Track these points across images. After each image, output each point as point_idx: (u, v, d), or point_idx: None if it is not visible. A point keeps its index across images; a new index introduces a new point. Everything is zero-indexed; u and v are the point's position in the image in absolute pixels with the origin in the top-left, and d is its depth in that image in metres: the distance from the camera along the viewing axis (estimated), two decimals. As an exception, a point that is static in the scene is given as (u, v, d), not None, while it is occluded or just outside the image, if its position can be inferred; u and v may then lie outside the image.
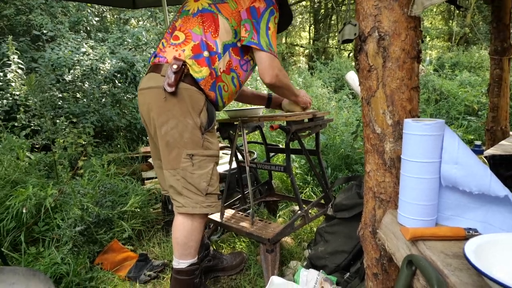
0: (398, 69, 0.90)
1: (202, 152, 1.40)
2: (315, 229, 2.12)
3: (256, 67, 1.54)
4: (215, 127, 1.50)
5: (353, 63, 1.02)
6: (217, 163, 1.49)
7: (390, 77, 0.91)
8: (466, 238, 0.76)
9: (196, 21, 1.43)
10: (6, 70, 3.79)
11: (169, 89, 1.33)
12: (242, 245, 2.13)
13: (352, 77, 1.92)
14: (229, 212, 2.03)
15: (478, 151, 1.08)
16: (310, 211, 1.93)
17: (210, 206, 1.43)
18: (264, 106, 1.96)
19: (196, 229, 1.45)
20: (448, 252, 0.72)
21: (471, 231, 0.76)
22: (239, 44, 1.44)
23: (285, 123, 1.71)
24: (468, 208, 0.82)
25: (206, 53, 1.38)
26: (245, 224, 1.83)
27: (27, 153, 2.79)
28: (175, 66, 1.34)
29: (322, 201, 2.04)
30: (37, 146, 3.39)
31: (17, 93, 3.68)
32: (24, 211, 1.92)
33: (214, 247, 2.10)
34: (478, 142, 1.11)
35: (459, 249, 0.72)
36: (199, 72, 1.38)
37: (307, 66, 10.86)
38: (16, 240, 1.92)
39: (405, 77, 0.90)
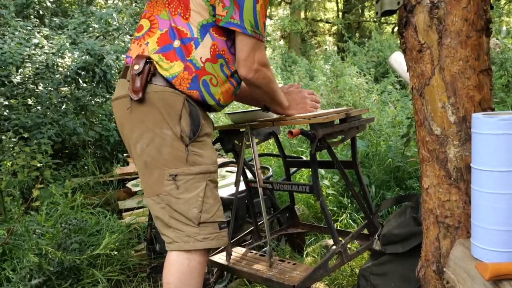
0: (460, 47, 0.91)
1: (188, 169, 1.44)
2: (357, 271, 2.10)
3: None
4: (210, 134, 1.53)
5: (399, 41, 1.04)
6: (213, 182, 1.51)
7: (449, 58, 0.92)
8: None
9: (162, 3, 1.49)
10: None
11: (135, 97, 1.40)
12: (257, 296, 2.13)
13: (398, 60, 1.93)
14: (238, 251, 2.03)
15: None
16: (349, 245, 1.91)
17: (207, 238, 1.46)
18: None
19: (195, 271, 1.46)
20: (545, 295, 0.71)
21: None
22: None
23: (308, 127, 1.72)
24: None
25: (176, 43, 1.43)
26: (260, 267, 1.82)
27: (-36, 183, 2.85)
28: (136, 67, 1.41)
29: (365, 232, 2.02)
30: (-23, 172, 3.47)
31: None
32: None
33: (220, 300, 2.10)
34: None
35: (559, 291, 0.71)
36: (169, 69, 1.43)
37: (336, 48, 10.88)
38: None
39: (471, 56, 0.91)
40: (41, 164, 3.49)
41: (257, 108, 1.89)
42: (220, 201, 1.54)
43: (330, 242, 2.43)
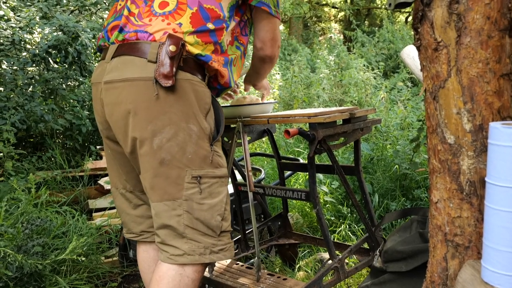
0: (480, 47, 0.92)
1: (212, 172, 1.45)
2: (354, 290, 2.12)
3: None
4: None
5: (413, 34, 1.05)
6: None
7: (468, 59, 0.93)
8: None
9: None
10: None
11: (167, 83, 1.35)
12: (242, 313, 2.14)
13: (411, 55, 1.93)
14: (222, 262, 2.04)
15: None
16: (347, 260, 1.93)
17: (223, 250, 1.48)
18: (275, 101, 2.00)
19: (190, 286, 1.45)
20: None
21: None
22: (239, 1, 1.52)
23: (307, 126, 1.74)
24: None
25: (210, 26, 1.44)
26: (246, 281, 1.83)
27: None
28: (172, 48, 1.36)
29: (366, 246, 2.05)
30: None
31: None
32: None
33: (199, 316, 2.10)
34: None
35: None
36: (204, 49, 1.46)
37: (342, 37, 10.90)
38: None
39: (491, 58, 0.92)
40: (2, 154, 3.47)
41: (251, 103, 1.90)
42: None
43: (326, 256, 2.44)
